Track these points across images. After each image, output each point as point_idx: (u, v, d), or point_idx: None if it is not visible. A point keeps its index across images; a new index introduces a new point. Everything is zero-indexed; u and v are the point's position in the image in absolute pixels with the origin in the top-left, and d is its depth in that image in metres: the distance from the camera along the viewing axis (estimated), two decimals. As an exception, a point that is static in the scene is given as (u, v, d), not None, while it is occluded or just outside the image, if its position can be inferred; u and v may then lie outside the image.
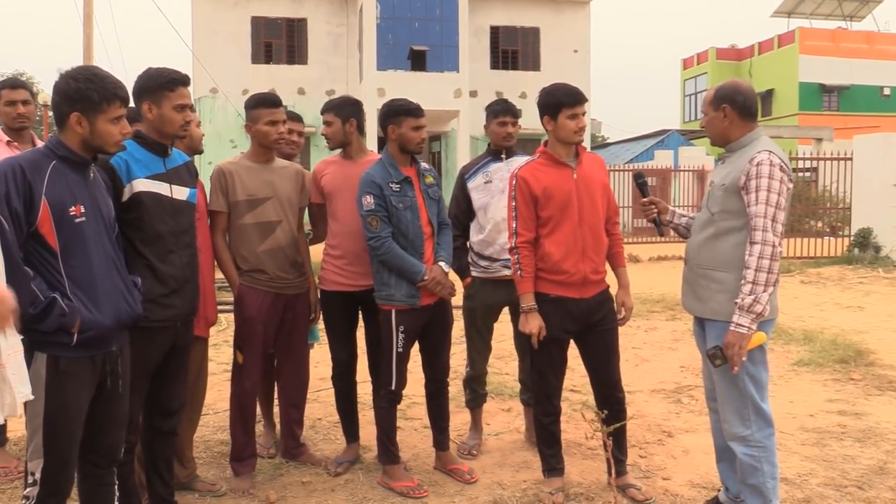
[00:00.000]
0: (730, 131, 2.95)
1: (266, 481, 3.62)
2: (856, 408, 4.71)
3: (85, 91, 2.36)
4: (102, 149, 2.45)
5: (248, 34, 23.11)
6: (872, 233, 12.66)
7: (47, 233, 2.29)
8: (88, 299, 2.35)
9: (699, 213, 3.10)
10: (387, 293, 3.45)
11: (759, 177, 2.75)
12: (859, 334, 6.92)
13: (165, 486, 3.08)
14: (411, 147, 3.52)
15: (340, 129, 3.70)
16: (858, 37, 34.54)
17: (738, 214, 2.84)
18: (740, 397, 2.88)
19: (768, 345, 2.98)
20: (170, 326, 2.85)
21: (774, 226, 2.74)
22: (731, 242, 2.86)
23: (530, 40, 24.84)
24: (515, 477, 3.67)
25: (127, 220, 2.70)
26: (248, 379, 3.56)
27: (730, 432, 2.94)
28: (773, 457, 2.91)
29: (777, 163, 2.78)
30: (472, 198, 3.92)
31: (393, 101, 3.60)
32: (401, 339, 3.46)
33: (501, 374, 5.44)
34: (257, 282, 3.49)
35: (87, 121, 2.37)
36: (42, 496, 2.34)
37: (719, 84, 3.00)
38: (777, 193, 2.75)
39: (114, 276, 2.46)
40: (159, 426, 3.01)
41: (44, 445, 2.32)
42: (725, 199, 2.88)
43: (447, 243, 3.63)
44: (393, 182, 3.45)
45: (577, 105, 3.32)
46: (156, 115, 2.83)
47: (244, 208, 3.47)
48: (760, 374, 2.89)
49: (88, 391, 2.41)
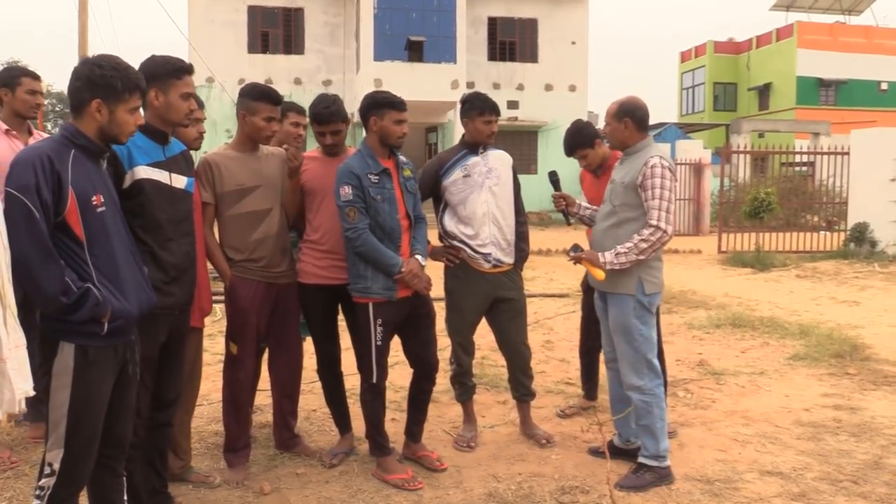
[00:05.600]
0: (628, 139, 3.55)
1: (260, 472, 3.61)
2: (851, 402, 4.71)
3: (110, 79, 2.35)
4: (117, 138, 2.44)
5: (244, 23, 23.02)
6: (869, 227, 12.67)
7: (74, 223, 2.28)
8: (116, 288, 2.36)
9: (602, 206, 3.67)
10: (363, 286, 3.43)
11: (653, 177, 3.38)
12: (855, 329, 6.93)
13: (159, 477, 3.07)
14: (392, 140, 3.48)
15: (346, 133, 3.68)
16: (856, 31, 34.49)
17: (635, 207, 3.44)
18: (635, 354, 3.47)
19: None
20: (169, 314, 2.84)
21: (668, 216, 3.37)
22: (629, 230, 3.44)
23: (528, 32, 24.80)
24: (511, 469, 3.66)
25: (127, 207, 2.68)
26: (242, 370, 3.54)
27: (627, 383, 3.53)
28: (662, 402, 3.54)
29: (666, 165, 3.42)
30: (450, 192, 3.89)
31: (377, 93, 3.56)
32: (379, 332, 3.45)
33: (497, 366, 5.42)
34: (249, 272, 3.45)
35: (108, 109, 2.36)
36: (58, 487, 2.33)
37: (621, 100, 3.58)
38: (668, 190, 3.40)
39: (132, 265, 2.47)
40: (155, 417, 2.98)
41: (66, 436, 2.31)
42: (625, 194, 3.47)
43: (423, 237, 3.62)
44: (372, 173, 3.42)
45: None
46: (162, 102, 2.81)
47: (234, 198, 3.42)
48: (650, 334, 3.51)
49: (111, 381, 2.42)
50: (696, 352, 6.14)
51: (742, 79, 36.83)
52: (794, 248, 13.76)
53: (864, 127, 14.82)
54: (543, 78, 24.68)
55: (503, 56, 24.64)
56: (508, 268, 3.96)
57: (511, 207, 3.98)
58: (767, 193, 13.04)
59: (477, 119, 3.89)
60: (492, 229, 3.87)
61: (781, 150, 16.93)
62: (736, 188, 15.54)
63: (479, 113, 3.89)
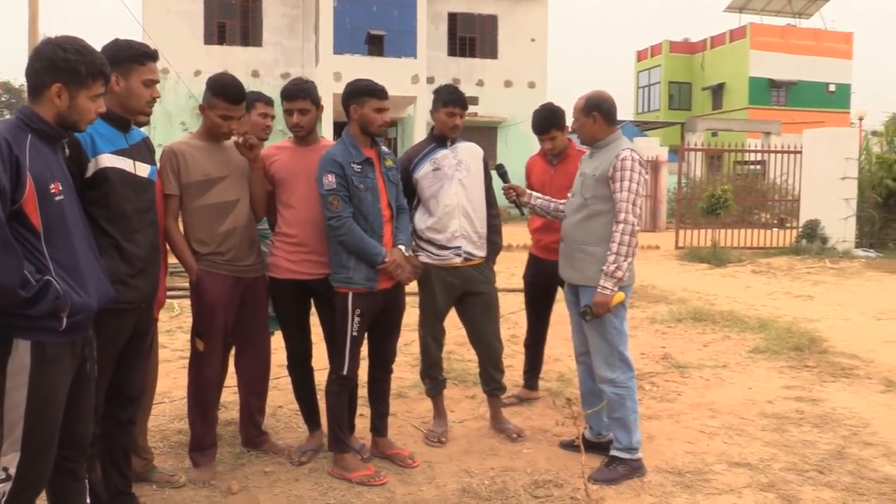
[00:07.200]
0: (598, 133, 3.56)
1: (227, 471, 3.51)
2: (812, 394, 4.81)
3: (73, 63, 2.22)
4: (76, 125, 2.31)
5: (200, 14, 22.54)
6: (820, 224, 13.00)
7: (31, 212, 2.12)
8: (74, 281, 2.21)
9: (572, 199, 3.65)
10: (345, 276, 3.37)
11: (622, 169, 3.38)
12: (811, 322, 7.09)
13: (123, 477, 2.95)
14: (373, 129, 3.43)
15: (315, 118, 3.57)
16: (807, 34, 35.41)
17: (606, 199, 3.44)
18: (608, 347, 3.48)
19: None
20: (134, 308, 2.73)
21: (634, 209, 3.37)
22: (600, 222, 3.45)
23: (488, 28, 24.82)
24: (483, 464, 3.63)
25: (90, 197, 2.57)
26: (209, 367, 3.43)
27: (600, 376, 3.53)
28: (634, 394, 3.55)
29: (637, 159, 3.41)
30: (422, 186, 3.84)
31: (358, 81, 3.49)
32: (356, 322, 3.39)
33: (465, 360, 5.40)
34: (216, 265, 3.34)
35: (69, 94, 2.23)
36: (14, 492, 2.18)
37: (587, 94, 3.58)
38: (637, 183, 3.38)
39: (90, 256, 2.34)
40: (118, 415, 2.87)
41: (22, 439, 2.16)
42: (596, 187, 3.47)
43: (405, 227, 3.57)
44: (355, 162, 3.37)
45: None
46: (123, 88, 2.71)
47: (200, 189, 3.30)
48: (623, 326, 3.52)
49: (70, 378, 2.28)
50: (659, 345, 6.20)
51: (696, 78, 37.52)
52: (748, 245, 14.05)
53: (813, 127, 15.20)
54: (503, 74, 24.75)
55: (463, 52, 24.62)
56: (480, 261, 3.93)
57: (482, 200, 3.94)
58: (724, 190, 13.30)
59: (441, 110, 3.85)
60: (462, 222, 3.83)
61: (737, 148, 17.26)
62: (691, 185, 15.80)
63: (443, 104, 3.85)
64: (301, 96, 3.48)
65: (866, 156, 14.37)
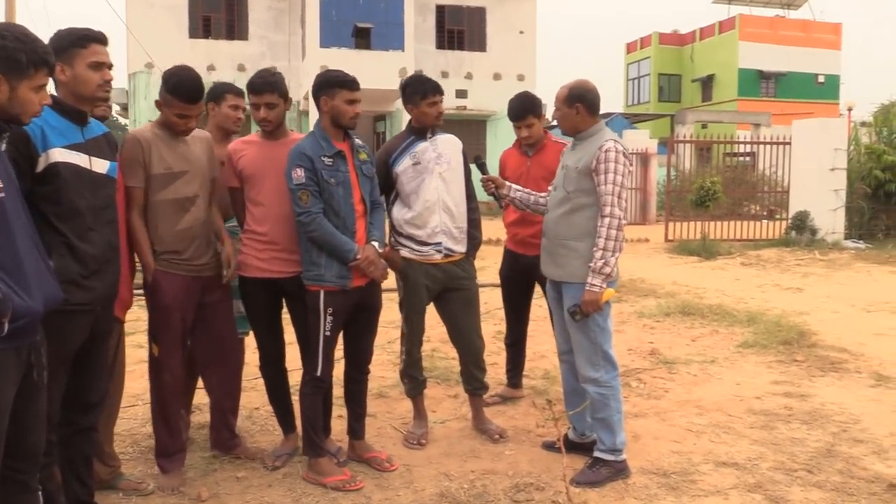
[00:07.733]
0: (580, 124, 3.43)
1: (198, 477, 3.39)
2: (801, 389, 4.72)
3: (12, 51, 2.07)
4: (18, 118, 2.17)
5: (185, 7, 22.23)
6: (809, 216, 12.96)
7: None
8: (17, 284, 2.05)
9: (554, 192, 3.52)
10: (316, 273, 3.24)
11: (606, 161, 3.26)
12: (801, 315, 7.01)
13: (83, 486, 2.81)
14: (344, 121, 3.30)
15: (283, 112, 3.43)
16: (795, 25, 35.41)
17: (590, 193, 3.32)
18: (591, 346, 3.37)
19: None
20: (89, 311, 2.59)
21: (619, 202, 3.26)
22: (584, 216, 3.34)
23: (476, 20, 24.62)
24: (463, 467, 3.52)
25: (41, 193, 2.43)
26: (167, 371, 3.28)
27: (583, 376, 3.42)
28: (619, 394, 3.44)
29: (620, 150, 3.30)
30: (402, 181, 3.72)
31: (328, 72, 3.36)
32: (328, 322, 3.27)
33: (448, 358, 5.28)
34: (173, 265, 3.19)
35: (8, 85, 2.09)
36: None
37: (570, 84, 3.45)
38: (621, 175, 3.28)
39: (36, 256, 2.18)
40: (77, 421, 2.73)
41: None
42: (579, 180, 3.35)
43: (380, 222, 3.45)
44: (325, 156, 3.23)
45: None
46: (69, 76, 2.55)
47: (161, 183, 3.15)
48: (607, 324, 3.41)
49: (15, 387, 2.13)
50: (647, 340, 6.11)
51: (686, 70, 37.46)
52: (737, 237, 13.99)
53: (803, 118, 15.12)
54: (492, 67, 24.57)
55: (451, 44, 24.41)
56: (460, 257, 3.82)
57: (462, 194, 3.83)
58: (713, 182, 13.22)
59: (421, 103, 3.72)
60: (443, 217, 3.72)
61: (726, 139, 17.19)
62: (681, 177, 15.72)
63: (422, 97, 3.71)
64: (268, 90, 3.35)
65: (855, 146, 14.30)
